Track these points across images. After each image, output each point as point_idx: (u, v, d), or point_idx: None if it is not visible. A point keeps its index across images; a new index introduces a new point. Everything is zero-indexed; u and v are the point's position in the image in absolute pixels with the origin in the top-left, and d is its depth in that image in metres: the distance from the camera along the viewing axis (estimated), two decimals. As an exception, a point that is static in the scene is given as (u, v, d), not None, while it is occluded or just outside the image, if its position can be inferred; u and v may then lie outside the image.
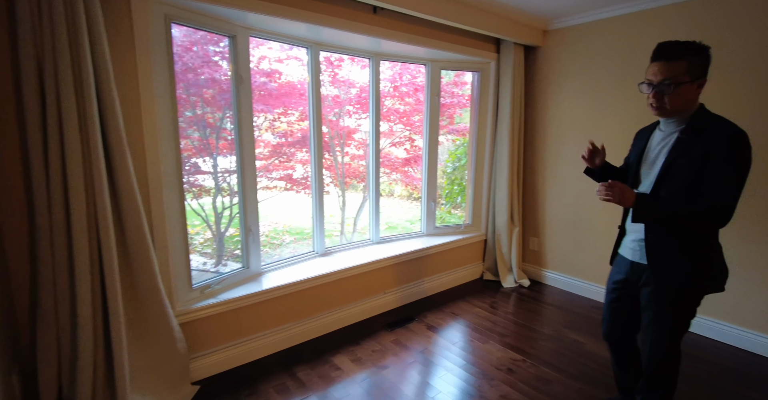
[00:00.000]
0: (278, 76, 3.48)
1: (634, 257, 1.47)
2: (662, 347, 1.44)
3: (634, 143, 1.59)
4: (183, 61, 2.56)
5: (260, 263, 2.41)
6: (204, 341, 2.04)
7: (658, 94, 1.30)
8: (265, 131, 3.73)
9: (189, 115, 2.69)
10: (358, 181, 4.55)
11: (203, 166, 2.75)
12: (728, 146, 1.22)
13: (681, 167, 1.29)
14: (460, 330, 2.60)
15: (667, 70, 1.27)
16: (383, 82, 4.04)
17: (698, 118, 1.32)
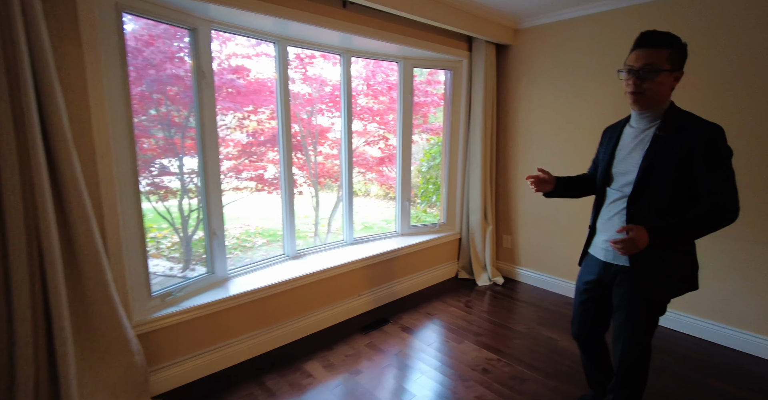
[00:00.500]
0: (247, 73, 3.36)
1: (606, 257, 1.45)
2: (634, 347, 1.43)
3: (602, 141, 1.57)
4: (144, 57, 2.42)
5: (227, 268, 2.31)
6: (166, 352, 1.92)
7: (637, 80, 1.28)
8: (235, 130, 3.59)
9: (153, 113, 2.55)
10: (332, 181, 4.47)
11: (169, 166, 2.63)
12: (712, 144, 1.22)
13: (664, 166, 1.27)
14: (435, 331, 2.57)
15: (649, 56, 1.26)
16: (357, 80, 3.97)
17: (673, 115, 1.31)
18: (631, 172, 1.35)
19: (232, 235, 4.38)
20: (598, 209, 1.50)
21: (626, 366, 1.47)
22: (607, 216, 1.44)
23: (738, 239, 2.33)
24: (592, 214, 1.54)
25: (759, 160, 2.23)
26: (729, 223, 1.22)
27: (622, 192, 1.39)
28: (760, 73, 2.18)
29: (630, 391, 1.52)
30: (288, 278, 2.31)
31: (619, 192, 1.39)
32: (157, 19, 1.89)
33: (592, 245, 1.53)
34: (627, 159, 1.38)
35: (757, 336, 2.31)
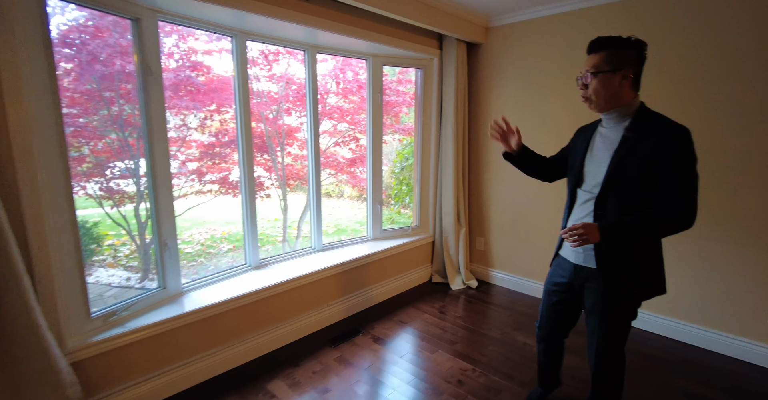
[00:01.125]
0: (208, 71, 3.15)
1: (577, 260, 1.43)
2: (608, 351, 1.42)
3: (575, 140, 1.56)
4: (88, 50, 2.19)
5: (180, 282, 2.11)
6: (111, 378, 1.72)
7: (583, 86, 1.35)
8: (196, 130, 3.36)
9: (104, 113, 2.33)
10: (303, 183, 4.29)
11: (123, 169, 2.41)
12: (677, 145, 1.22)
13: (631, 167, 1.27)
14: (408, 340, 2.46)
15: (589, 61, 1.33)
16: (326, 79, 3.81)
17: (641, 116, 1.31)
18: (600, 173, 1.35)
19: (196, 240, 4.13)
20: (570, 210, 1.50)
21: (601, 370, 1.46)
22: (578, 217, 1.43)
23: (703, 238, 2.34)
24: (564, 215, 1.53)
25: (724, 159, 2.24)
26: (685, 228, 1.22)
27: (591, 193, 1.38)
28: (720, 72, 2.19)
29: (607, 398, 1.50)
30: (249, 290, 2.15)
31: (589, 193, 1.39)
32: (90, 6, 1.68)
33: (564, 247, 1.52)
34: (597, 160, 1.39)
35: (724, 335, 2.33)
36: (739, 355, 2.29)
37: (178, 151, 3.15)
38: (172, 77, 2.91)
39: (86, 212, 2.67)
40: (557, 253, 1.57)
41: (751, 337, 2.26)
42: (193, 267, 3.71)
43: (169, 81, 2.85)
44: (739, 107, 2.17)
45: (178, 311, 1.91)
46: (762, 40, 2.07)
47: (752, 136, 2.15)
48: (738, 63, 2.15)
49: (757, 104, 2.12)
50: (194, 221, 4.20)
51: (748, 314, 2.25)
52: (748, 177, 2.18)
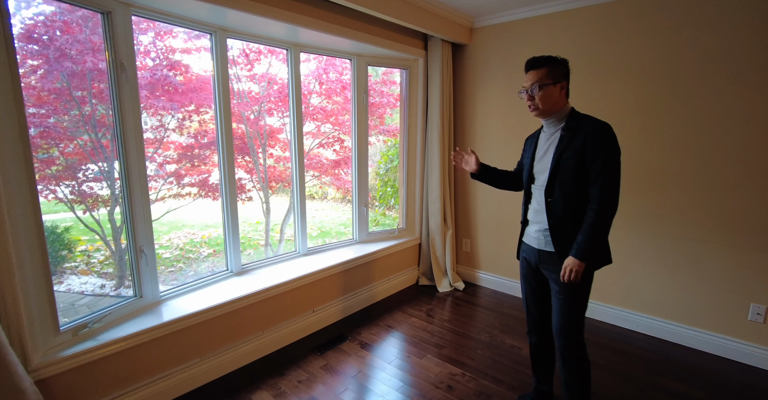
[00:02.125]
0: (185, 70, 3.04)
1: (539, 245, 1.64)
2: (570, 314, 1.58)
3: (525, 148, 1.81)
4: (56, 46, 2.07)
5: (158, 290, 2.01)
6: (79, 396, 1.61)
7: (530, 96, 1.57)
8: (174, 131, 3.24)
9: (75, 113, 2.21)
10: (285, 185, 4.20)
11: (97, 172, 2.29)
12: (597, 136, 1.47)
13: (568, 159, 1.52)
14: (396, 345, 2.42)
15: (532, 77, 1.56)
16: (308, 79, 3.74)
17: (572, 118, 1.57)
18: (547, 170, 1.59)
19: (175, 245, 4.00)
20: (527, 204, 1.72)
21: (564, 332, 1.59)
22: (535, 208, 1.66)
23: (686, 238, 2.37)
24: (523, 209, 1.75)
25: (708, 159, 2.28)
26: (614, 209, 1.48)
27: (543, 188, 1.61)
28: (705, 72, 2.23)
29: (573, 369, 1.60)
30: (231, 298, 2.06)
31: (541, 188, 1.62)
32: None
33: (526, 234, 1.74)
34: (543, 159, 1.63)
35: (708, 333, 2.37)
36: (723, 353, 2.33)
37: (156, 153, 3.03)
38: (149, 76, 2.80)
39: (57, 216, 2.53)
40: (521, 240, 1.78)
41: (734, 335, 2.30)
42: (172, 273, 3.58)
43: (145, 80, 2.73)
44: (723, 108, 2.21)
45: (155, 321, 1.81)
46: (748, 40, 2.11)
47: (735, 136, 2.19)
48: (725, 62, 2.19)
49: (742, 105, 2.16)
50: (173, 224, 4.06)
51: (730, 312, 2.29)
52: (730, 177, 2.22)
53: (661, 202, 2.44)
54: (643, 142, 2.43)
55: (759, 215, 2.15)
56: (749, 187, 2.16)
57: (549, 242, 1.60)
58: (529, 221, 1.72)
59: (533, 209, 1.67)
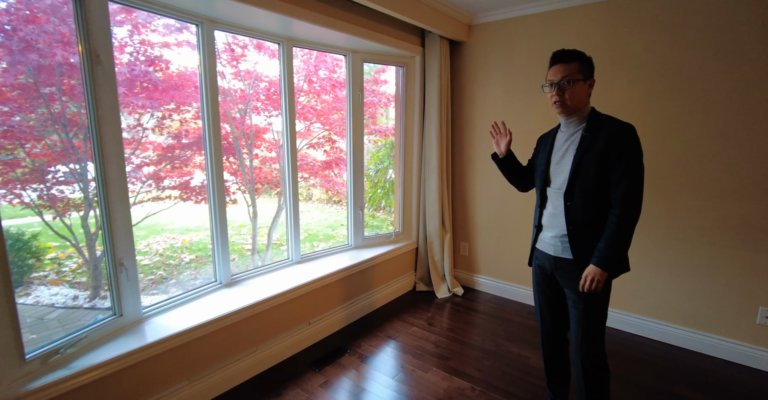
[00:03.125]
0: (166, 65, 2.82)
1: (556, 252, 1.55)
2: (596, 355, 1.50)
3: (537, 148, 1.72)
4: (20, 37, 1.84)
5: (140, 306, 1.82)
6: (51, 431, 1.42)
7: (559, 91, 1.48)
8: (153, 131, 3.02)
9: (43, 111, 1.99)
10: (270, 187, 4.00)
11: (68, 174, 2.08)
12: (622, 138, 1.40)
13: (589, 161, 1.44)
14: (398, 358, 2.28)
15: (564, 70, 1.48)
16: (296, 77, 3.57)
17: (594, 118, 1.49)
18: (565, 172, 1.51)
19: (154, 251, 3.76)
20: (541, 209, 1.63)
21: (586, 344, 1.51)
22: (551, 212, 1.57)
23: (692, 241, 2.33)
24: (536, 214, 1.66)
25: (714, 163, 2.23)
26: (637, 214, 1.40)
27: (561, 190, 1.52)
28: (705, 73, 2.18)
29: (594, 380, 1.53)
30: (222, 313, 1.88)
31: (558, 191, 1.53)
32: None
33: (540, 240, 1.64)
34: (561, 161, 1.54)
35: (716, 337, 2.33)
36: (732, 357, 2.29)
37: (133, 154, 2.81)
38: (126, 72, 2.58)
39: (22, 221, 2.30)
40: (534, 246, 1.69)
41: (743, 339, 2.26)
42: (152, 282, 3.35)
43: (122, 77, 2.51)
44: (731, 108, 2.16)
45: (137, 342, 1.62)
46: (741, 40, 2.07)
47: (741, 140, 2.15)
48: (729, 61, 2.14)
49: (744, 106, 2.12)
50: (151, 228, 3.82)
51: (738, 316, 2.26)
52: (735, 181, 2.18)
53: (666, 204, 2.39)
54: (648, 142, 2.37)
55: (767, 217, 2.12)
56: (756, 190, 2.13)
57: (567, 248, 1.51)
58: (543, 226, 1.63)
59: (549, 214, 1.58)
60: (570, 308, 1.56)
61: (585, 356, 1.52)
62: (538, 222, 1.65)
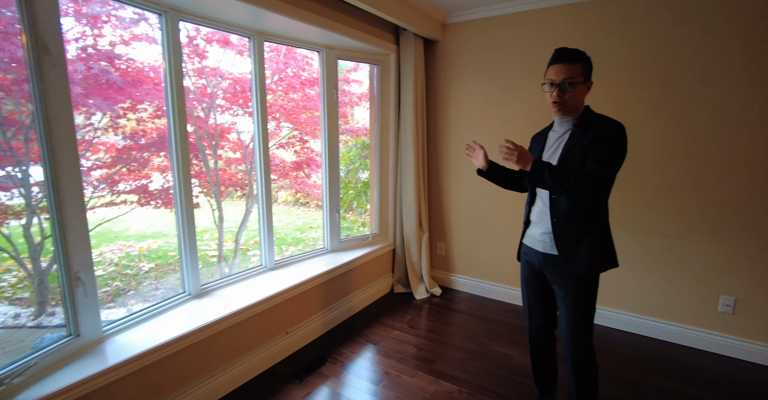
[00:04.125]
0: (123, 61, 2.60)
1: (544, 249, 1.55)
2: (585, 351, 1.52)
3: (531, 147, 1.72)
4: (-54, 25, 1.61)
5: (100, 324, 1.63)
6: (-4, 475, 1.23)
7: (560, 92, 1.45)
8: (106, 131, 2.77)
9: None
10: (236, 189, 3.81)
11: (5, 178, 1.84)
12: (608, 134, 1.41)
13: (575, 155, 1.45)
14: (382, 363, 2.22)
15: (566, 71, 1.44)
16: (263, 73, 3.41)
17: (587, 115, 1.51)
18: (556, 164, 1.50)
19: (108, 260, 3.46)
20: (531, 205, 1.64)
21: (576, 340, 1.52)
22: (540, 210, 1.57)
23: (661, 236, 2.43)
24: (526, 210, 1.67)
25: (673, 160, 2.34)
26: (585, 193, 1.36)
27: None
28: (678, 74, 2.28)
29: (585, 375, 1.54)
30: (193, 327, 1.73)
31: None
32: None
33: (528, 236, 1.65)
34: (551, 157, 1.54)
35: (683, 326, 2.44)
36: (698, 345, 2.41)
37: (83, 157, 2.56)
38: (76, 68, 2.34)
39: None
40: (522, 242, 1.70)
41: (706, 327, 2.38)
42: (107, 294, 3.08)
43: (71, 72, 2.27)
44: (687, 109, 2.27)
45: (98, 365, 1.45)
46: (732, 39, 2.19)
47: (704, 136, 2.26)
48: (702, 61, 2.25)
49: (708, 106, 2.23)
50: (102, 236, 3.52)
51: (702, 305, 2.37)
52: (693, 176, 2.29)
53: (634, 201, 2.48)
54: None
55: (725, 211, 2.24)
56: (716, 186, 2.25)
57: (554, 244, 1.51)
58: (531, 222, 1.63)
59: (538, 210, 1.59)
60: (559, 305, 1.57)
61: (575, 352, 1.53)
62: (527, 218, 1.66)
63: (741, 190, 2.20)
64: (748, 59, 2.11)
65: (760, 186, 2.15)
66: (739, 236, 2.23)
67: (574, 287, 1.49)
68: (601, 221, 1.50)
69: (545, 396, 1.81)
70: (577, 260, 1.46)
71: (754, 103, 2.12)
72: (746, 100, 2.14)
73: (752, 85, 2.11)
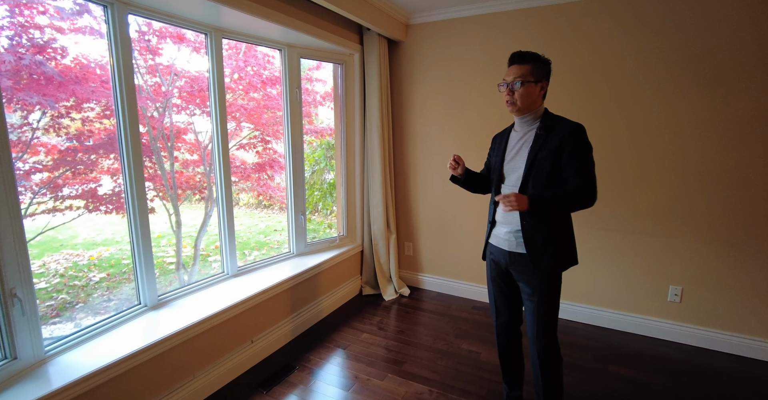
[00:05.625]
0: (63, 55, 2.40)
1: (510, 247, 1.59)
2: (550, 345, 1.58)
3: (493, 147, 1.76)
4: None
5: (41, 344, 1.50)
6: None
7: (510, 91, 1.52)
8: (47, 131, 2.55)
9: None
10: (194, 193, 3.64)
11: None
12: (577, 141, 1.46)
13: (543, 159, 1.49)
14: (352, 368, 2.18)
15: (516, 71, 1.51)
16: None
17: (547, 118, 1.55)
18: (520, 168, 1.55)
19: (53, 271, 3.20)
20: (495, 205, 1.67)
21: (542, 334, 1.57)
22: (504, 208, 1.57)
23: (612, 230, 2.56)
24: (491, 209, 1.70)
25: (624, 155, 2.47)
26: (589, 203, 1.45)
27: (515, 187, 1.56)
28: (622, 73, 2.41)
29: (551, 368, 1.60)
30: (149, 342, 1.63)
31: (513, 187, 1.57)
32: None
33: (494, 236, 1.68)
34: (515, 158, 1.58)
35: (637, 316, 2.58)
36: (650, 333, 2.56)
37: (20, 159, 2.35)
38: (5, 61, 2.13)
39: None
40: (487, 241, 1.72)
41: (657, 315, 2.53)
42: (51, 308, 2.85)
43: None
44: (636, 105, 2.40)
45: (39, 390, 1.32)
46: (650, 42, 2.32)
47: (648, 134, 2.40)
48: (640, 63, 2.38)
49: (652, 102, 2.37)
50: (46, 245, 3.25)
51: (653, 295, 2.52)
52: (645, 172, 2.43)
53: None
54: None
55: (673, 206, 2.39)
56: (662, 182, 2.39)
57: (521, 243, 1.55)
58: (497, 222, 1.66)
59: (503, 210, 1.61)
60: (525, 301, 1.62)
61: (541, 346, 1.58)
62: (492, 218, 1.68)
63: (679, 187, 2.35)
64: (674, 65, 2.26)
65: (695, 184, 2.31)
66: (680, 229, 2.39)
67: (540, 284, 1.53)
68: (566, 222, 1.56)
69: (512, 391, 1.84)
70: (545, 259, 1.51)
71: (684, 109, 2.27)
72: (679, 105, 2.29)
73: (689, 91, 2.26)
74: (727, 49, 2.17)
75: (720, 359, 2.30)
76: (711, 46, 2.20)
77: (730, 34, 2.15)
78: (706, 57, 2.21)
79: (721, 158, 2.26)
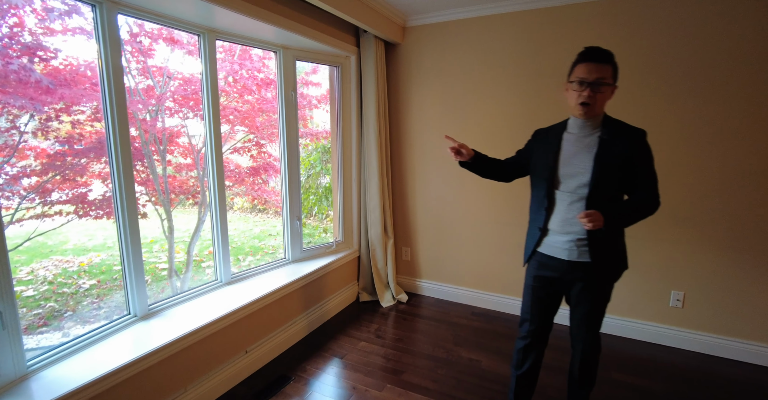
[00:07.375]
0: (51, 57, 2.33)
1: (571, 257, 1.49)
2: (597, 337, 1.60)
3: (535, 143, 1.63)
4: None
5: (24, 360, 1.42)
6: None
7: (591, 92, 1.38)
8: (34, 135, 2.48)
9: None
10: (187, 197, 3.57)
11: None
12: (643, 145, 1.44)
13: (612, 166, 1.42)
14: (349, 378, 2.12)
15: (599, 71, 1.37)
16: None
17: (609, 123, 1.47)
18: (581, 174, 1.44)
19: (41, 278, 3.12)
20: (549, 212, 1.54)
21: (589, 357, 1.60)
22: (564, 218, 1.49)
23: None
24: (540, 216, 1.56)
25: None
26: (654, 211, 1.45)
27: (577, 194, 1.46)
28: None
29: (590, 387, 1.64)
30: (139, 355, 1.56)
31: (574, 194, 1.47)
32: None
33: (547, 245, 1.56)
34: (573, 162, 1.47)
35: (638, 322, 2.54)
36: (651, 339, 2.52)
37: (7, 163, 2.28)
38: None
39: None
40: (534, 250, 1.60)
41: (660, 321, 2.50)
42: (39, 317, 2.76)
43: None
44: (637, 110, 2.38)
45: (21, 407, 1.25)
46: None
47: (650, 137, 2.37)
48: (640, 64, 2.36)
49: (654, 108, 2.34)
50: (35, 251, 3.17)
51: (655, 300, 2.49)
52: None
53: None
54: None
55: (674, 210, 2.36)
56: (663, 187, 2.37)
57: (585, 252, 1.47)
58: (550, 230, 1.54)
59: (561, 219, 1.50)
60: (578, 306, 1.57)
61: (588, 344, 1.59)
62: (543, 225, 1.55)
63: (680, 192, 2.33)
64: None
65: (697, 189, 2.29)
66: (682, 234, 2.36)
67: (600, 290, 1.52)
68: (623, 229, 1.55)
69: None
70: (611, 266, 1.50)
71: (686, 115, 2.25)
72: (681, 112, 2.26)
73: (693, 97, 2.24)
74: (736, 54, 2.15)
75: (722, 365, 2.26)
76: (719, 49, 2.18)
77: (741, 38, 2.13)
78: (707, 61, 2.19)
79: (724, 164, 2.23)
